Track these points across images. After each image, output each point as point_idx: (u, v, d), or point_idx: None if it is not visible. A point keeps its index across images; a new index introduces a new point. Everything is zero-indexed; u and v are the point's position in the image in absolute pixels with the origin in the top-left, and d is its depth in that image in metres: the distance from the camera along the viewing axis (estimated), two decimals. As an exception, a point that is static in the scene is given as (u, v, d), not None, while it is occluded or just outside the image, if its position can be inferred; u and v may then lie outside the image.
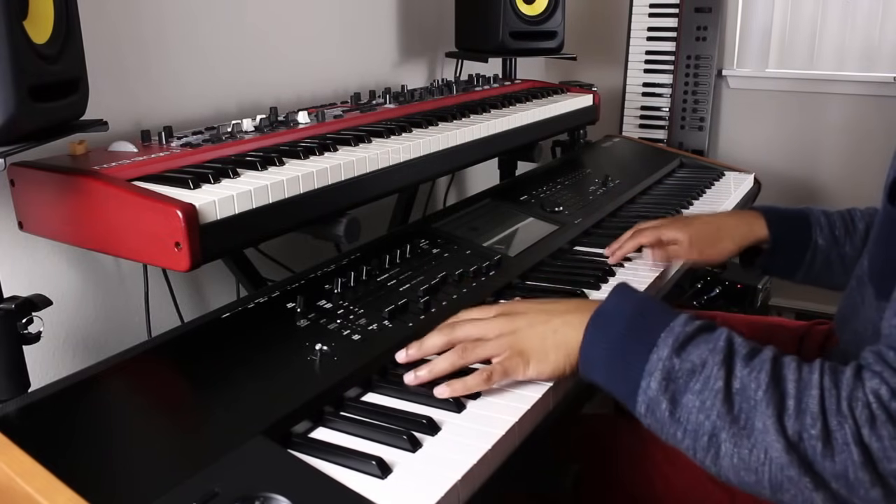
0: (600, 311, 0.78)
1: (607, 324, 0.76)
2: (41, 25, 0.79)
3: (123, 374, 0.80)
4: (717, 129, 2.57)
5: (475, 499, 0.68)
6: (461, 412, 0.77)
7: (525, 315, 0.83)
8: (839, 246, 1.14)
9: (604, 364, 0.75)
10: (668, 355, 0.69)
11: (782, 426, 0.62)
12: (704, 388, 0.66)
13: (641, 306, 0.76)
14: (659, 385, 0.69)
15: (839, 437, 0.60)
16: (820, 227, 1.15)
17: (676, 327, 0.71)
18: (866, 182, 2.30)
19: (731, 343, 0.69)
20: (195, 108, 1.39)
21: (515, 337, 0.81)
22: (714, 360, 0.67)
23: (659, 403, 0.69)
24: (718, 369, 0.66)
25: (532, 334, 0.81)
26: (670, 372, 0.68)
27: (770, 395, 0.63)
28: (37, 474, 0.62)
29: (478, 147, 1.36)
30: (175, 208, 0.84)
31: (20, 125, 0.75)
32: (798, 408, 0.62)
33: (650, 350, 0.70)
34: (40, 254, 1.15)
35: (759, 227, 1.17)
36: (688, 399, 0.67)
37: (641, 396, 0.70)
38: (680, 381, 0.68)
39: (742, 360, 0.67)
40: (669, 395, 0.68)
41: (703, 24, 2.41)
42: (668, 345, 0.70)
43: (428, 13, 2.01)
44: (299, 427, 0.73)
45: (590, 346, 0.77)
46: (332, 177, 1.05)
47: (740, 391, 0.65)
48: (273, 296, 0.96)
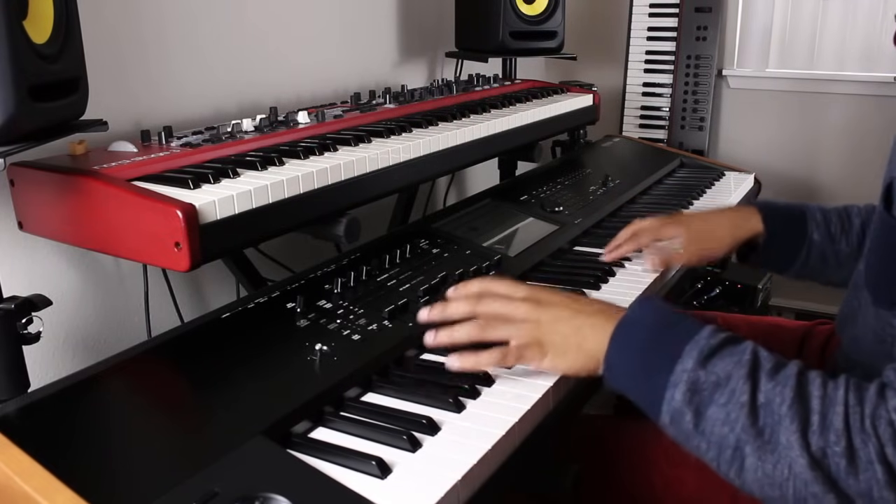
0: (627, 319, 0.78)
1: (634, 333, 0.76)
2: (41, 25, 0.79)
3: (123, 374, 0.80)
4: (717, 129, 2.57)
5: (475, 499, 0.68)
6: (461, 412, 0.77)
7: (552, 307, 0.83)
8: (834, 242, 1.14)
9: (629, 373, 0.76)
10: (694, 367, 0.69)
11: (806, 442, 0.62)
12: (729, 401, 0.66)
13: (668, 317, 0.76)
14: (683, 396, 0.69)
15: (863, 455, 0.60)
16: (816, 222, 1.15)
17: (702, 339, 0.71)
18: (866, 182, 2.30)
19: (756, 356, 0.69)
20: (195, 108, 1.39)
21: (539, 326, 0.82)
22: (739, 373, 0.67)
23: (683, 415, 0.69)
24: (744, 383, 0.66)
25: (555, 328, 0.81)
26: (695, 384, 0.68)
27: (795, 410, 0.63)
28: (36, 474, 0.62)
29: (478, 147, 1.36)
30: (175, 208, 0.84)
31: (20, 125, 0.75)
32: (822, 424, 0.62)
33: (675, 361, 0.70)
34: (40, 254, 1.15)
35: (755, 221, 1.17)
36: (712, 411, 0.67)
37: (666, 407, 0.70)
38: (705, 393, 0.68)
39: (767, 374, 0.67)
40: (694, 406, 0.68)
41: (703, 24, 2.41)
42: (693, 357, 0.70)
43: (428, 13, 2.01)
44: (299, 427, 0.73)
45: (615, 354, 0.77)
46: (332, 177, 1.05)
47: (765, 405, 0.65)
48: (273, 296, 0.96)
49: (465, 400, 0.79)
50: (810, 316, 1.63)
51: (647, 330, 0.76)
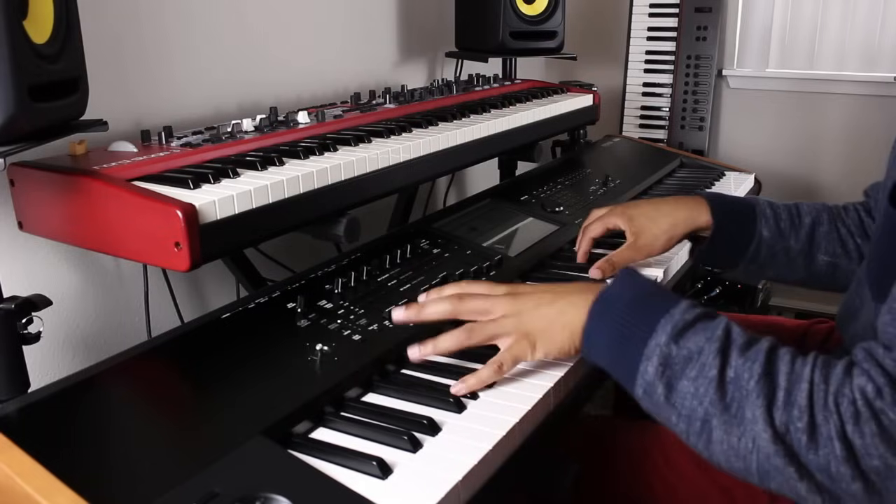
0: (603, 294, 0.79)
1: (610, 308, 0.78)
2: (41, 25, 0.79)
3: (123, 374, 0.80)
4: (717, 129, 2.57)
5: (476, 499, 0.68)
6: (462, 412, 0.77)
7: (531, 295, 0.84)
8: (784, 239, 1.12)
9: (605, 347, 0.77)
10: (666, 342, 0.71)
11: (770, 417, 0.64)
12: (699, 376, 0.68)
13: (644, 291, 0.78)
14: (656, 370, 0.70)
15: (824, 431, 0.62)
16: (765, 217, 1.13)
17: (676, 314, 0.73)
18: (866, 182, 2.29)
19: (728, 332, 0.70)
20: (195, 108, 1.39)
21: (521, 318, 0.82)
22: (710, 348, 0.69)
23: (655, 388, 0.71)
24: (714, 357, 0.68)
25: (538, 315, 0.82)
26: (667, 358, 0.70)
27: (761, 385, 0.65)
28: (37, 474, 0.62)
29: (478, 147, 1.36)
30: (175, 208, 0.84)
31: (20, 125, 0.75)
32: (787, 400, 0.64)
33: (649, 336, 0.72)
34: (40, 254, 1.15)
35: (702, 213, 1.14)
36: (683, 385, 0.69)
37: (640, 380, 0.72)
38: (676, 367, 0.70)
39: (738, 349, 0.69)
40: (665, 380, 0.70)
41: (703, 24, 2.41)
42: (666, 331, 0.71)
43: (428, 13, 2.01)
44: (300, 427, 0.73)
45: (592, 329, 0.79)
46: (332, 177, 1.05)
47: (734, 380, 0.67)
48: (273, 296, 0.96)
49: (465, 400, 0.79)
50: (810, 315, 1.63)
51: (623, 304, 0.77)
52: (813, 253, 1.11)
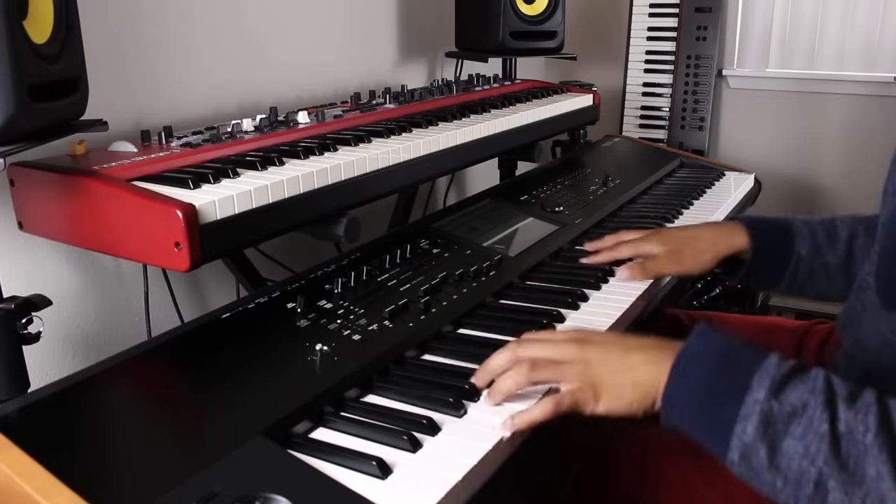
0: (688, 351, 0.73)
1: (695, 365, 0.72)
2: (41, 25, 0.79)
3: (123, 374, 0.80)
4: (717, 129, 2.57)
5: (475, 499, 0.68)
6: (461, 412, 0.77)
7: (599, 344, 0.79)
8: (822, 255, 1.12)
9: (692, 408, 0.71)
10: (766, 397, 0.65)
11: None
12: (807, 433, 0.63)
13: (730, 347, 0.72)
14: (756, 430, 0.65)
15: None
16: (802, 236, 1.13)
17: (771, 367, 0.67)
18: (866, 182, 2.30)
19: (830, 384, 0.66)
20: (195, 108, 1.39)
21: (587, 367, 0.77)
22: (816, 401, 0.64)
23: (756, 451, 0.65)
24: (822, 411, 0.63)
25: (606, 368, 0.77)
26: (768, 415, 0.64)
27: (882, 439, 0.60)
28: (37, 474, 0.62)
29: (478, 147, 1.36)
30: (175, 208, 0.84)
31: (20, 125, 0.75)
32: None
33: (745, 393, 0.66)
34: (40, 254, 1.15)
35: (740, 237, 1.15)
36: (788, 444, 0.63)
37: (735, 442, 0.66)
38: (779, 425, 0.64)
39: (844, 401, 0.64)
40: (768, 440, 0.64)
41: (703, 24, 2.41)
42: (764, 386, 0.66)
43: (428, 13, 2.01)
44: (299, 427, 0.73)
45: (676, 388, 0.72)
46: (332, 177, 1.05)
47: (847, 435, 0.61)
48: (273, 296, 0.96)
49: (465, 401, 0.79)
50: (810, 316, 1.63)
51: (711, 361, 0.71)
52: (852, 266, 1.10)
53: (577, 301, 1.03)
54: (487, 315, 1.01)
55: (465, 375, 0.83)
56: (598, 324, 0.98)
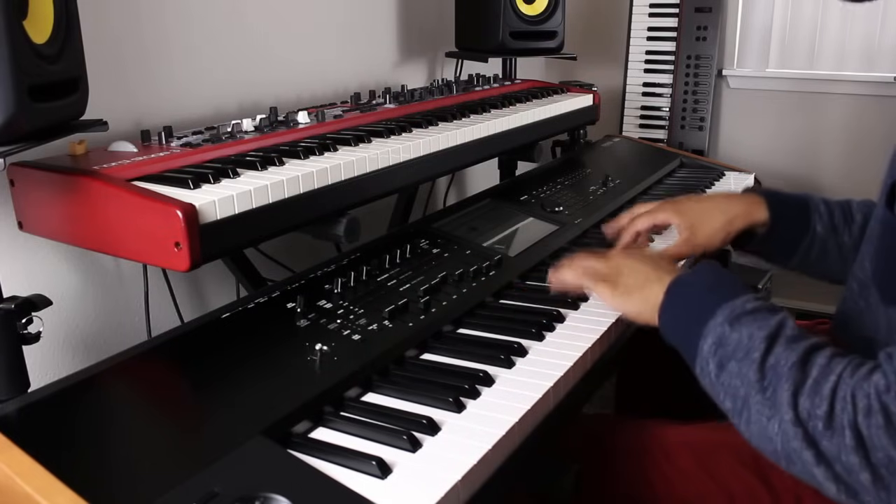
0: (682, 278, 0.88)
1: (684, 291, 0.86)
2: (41, 25, 0.79)
3: (123, 374, 0.80)
4: (717, 129, 2.57)
5: (475, 499, 0.68)
6: (461, 412, 0.77)
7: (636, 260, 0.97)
8: (837, 235, 1.12)
9: (674, 325, 0.86)
10: (721, 322, 0.77)
11: (796, 402, 0.68)
12: (745, 358, 0.73)
13: (717, 279, 0.85)
14: (710, 348, 0.77)
15: (839, 420, 0.65)
16: (819, 213, 1.14)
17: (738, 302, 0.79)
18: (866, 182, 2.29)
19: (781, 325, 0.75)
20: (195, 108, 1.39)
21: (619, 268, 0.95)
22: (760, 335, 0.74)
23: (708, 364, 0.77)
24: (760, 343, 0.73)
25: (631, 274, 0.94)
26: (721, 338, 0.76)
27: (794, 371, 0.69)
28: (37, 474, 0.62)
29: (478, 147, 1.36)
30: (175, 208, 0.84)
31: (20, 125, 0.75)
32: (814, 388, 0.68)
33: (710, 317, 0.79)
34: (40, 254, 1.15)
35: (758, 209, 1.15)
36: (731, 365, 0.74)
37: (698, 357, 0.79)
38: (728, 348, 0.75)
39: (785, 339, 0.73)
40: (717, 358, 0.76)
41: (703, 24, 2.41)
42: (724, 314, 0.78)
43: (428, 13, 2.01)
44: (299, 427, 0.73)
45: (666, 306, 0.87)
46: (332, 177, 1.05)
47: (773, 366, 0.71)
48: (273, 296, 0.96)
49: (465, 400, 0.79)
50: (810, 316, 1.63)
51: (696, 289, 0.85)
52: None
53: (577, 301, 1.03)
54: (487, 315, 1.01)
55: (465, 375, 0.83)
56: (599, 323, 0.98)
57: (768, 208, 1.15)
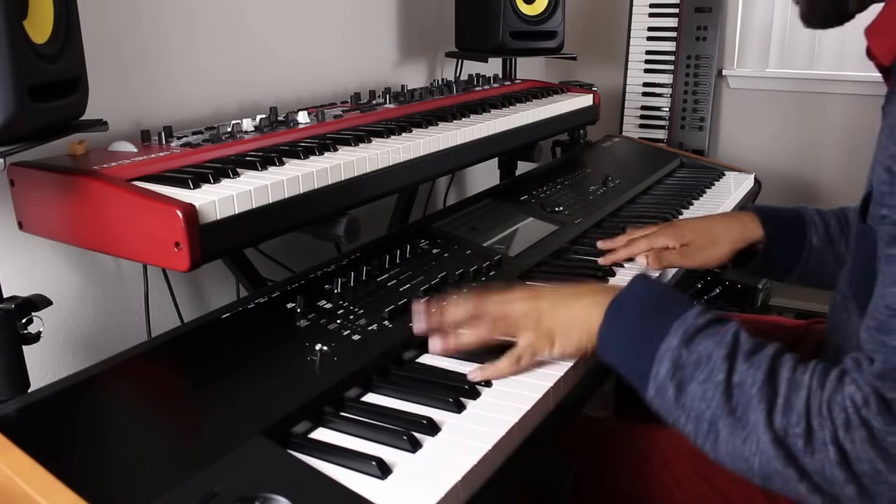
0: (620, 296, 0.82)
1: (625, 310, 0.81)
2: (41, 25, 0.79)
3: (123, 374, 0.80)
4: (717, 129, 2.57)
5: (475, 499, 0.68)
6: (461, 412, 0.77)
7: (549, 296, 0.87)
8: (834, 245, 1.13)
9: (619, 348, 0.80)
10: (678, 345, 0.74)
11: (771, 421, 0.67)
12: (707, 379, 0.71)
13: (658, 295, 0.81)
14: (667, 372, 0.73)
15: (819, 436, 0.65)
16: (815, 226, 1.14)
17: (689, 318, 0.76)
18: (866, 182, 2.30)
19: (737, 339, 0.73)
20: (195, 108, 1.39)
21: (541, 316, 0.85)
22: (719, 353, 0.71)
23: (666, 389, 0.74)
24: (721, 362, 0.71)
25: (556, 315, 0.85)
26: (678, 361, 0.73)
27: (764, 391, 0.68)
28: (37, 474, 0.62)
29: (478, 147, 1.36)
30: (175, 208, 0.84)
31: (20, 125, 0.75)
32: (786, 406, 0.67)
33: (662, 339, 0.75)
34: (40, 254, 1.15)
35: (754, 227, 1.16)
36: (692, 388, 0.72)
37: (651, 382, 0.75)
38: (687, 370, 0.72)
39: (744, 355, 0.71)
40: (676, 382, 0.73)
41: (703, 24, 2.41)
42: (678, 335, 0.74)
43: (428, 13, 2.01)
44: (299, 427, 0.73)
45: (607, 330, 0.81)
46: (332, 177, 1.05)
47: (739, 385, 0.69)
48: (273, 296, 0.96)
49: (465, 400, 0.79)
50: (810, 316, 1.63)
51: (638, 307, 0.80)
52: None
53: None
54: (487, 315, 1.00)
55: (465, 376, 0.83)
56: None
57: (763, 226, 1.15)
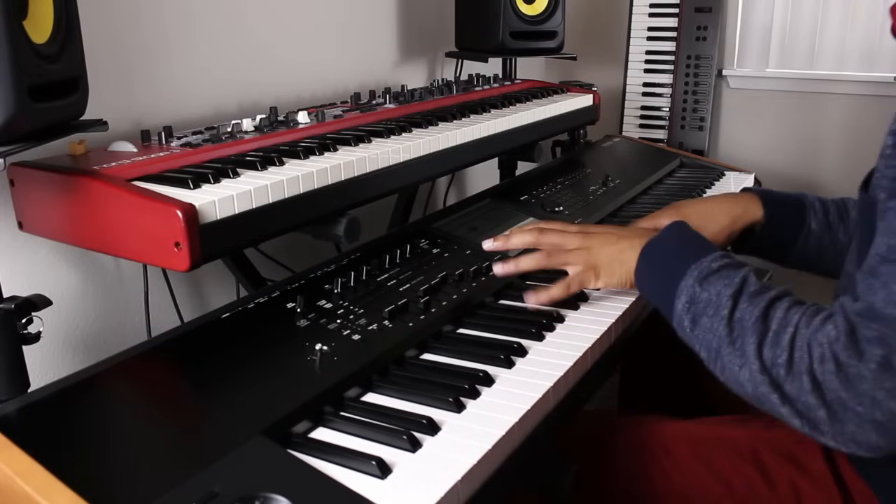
0: (652, 241, 0.95)
1: (656, 251, 0.94)
2: (41, 25, 0.79)
3: (123, 374, 0.80)
4: (717, 129, 2.57)
5: (475, 499, 0.68)
6: (461, 412, 0.77)
7: (599, 235, 1.01)
8: (832, 231, 1.14)
9: (650, 284, 0.93)
10: (692, 283, 0.85)
11: (760, 352, 0.76)
12: (715, 314, 0.81)
13: (686, 241, 0.92)
14: (683, 307, 0.85)
15: (797, 367, 0.73)
16: (814, 210, 1.16)
17: (705, 262, 0.86)
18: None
19: (744, 281, 0.82)
20: (195, 108, 1.39)
21: (590, 252, 0.99)
22: (726, 292, 0.81)
23: (683, 321, 0.85)
24: (727, 300, 0.81)
25: (604, 252, 0.99)
26: (692, 297, 0.84)
27: (757, 325, 0.77)
28: (37, 474, 0.62)
29: (478, 147, 1.36)
30: (175, 208, 0.84)
31: (20, 125, 0.75)
32: (775, 340, 0.75)
33: (682, 278, 0.86)
34: (40, 254, 1.15)
35: (754, 207, 1.18)
36: (703, 321, 0.82)
37: (674, 314, 0.87)
38: (699, 305, 0.83)
39: (748, 295, 0.80)
40: (691, 315, 0.84)
41: (703, 23, 2.40)
42: (693, 276, 0.85)
43: (428, 13, 2.01)
44: (299, 427, 0.73)
45: (641, 268, 0.95)
46: (332, 177, 1.05)
47: (739, 321, 0.79)
48: (273, 296, 0.96)
49: (465, 400, 0.79)
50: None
51: (667, 250, 0.92)
52: None
53: (576, 300, 1.03)
54: (487, 315, 1.01)
55: (465, 375, 0.83)
56: (599, 323, 0.97)
57: (763, 206, 1.18)
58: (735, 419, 1.05)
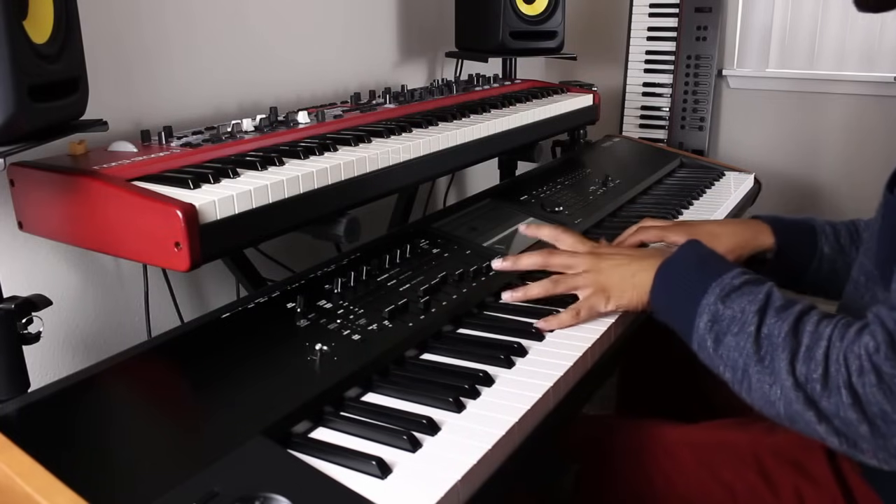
0: (668, 259, 0.93)
1: (672, 272, 0.92)
2: (41, 25, 0.79)
3: (123, 374, 0.80)
4: (717, 129, 2.57)
5: (475, 499, 0.68)
6: (461, 412, 0.77)
7: (611, 257, 1.00)
8: (845, 255, 1.13)
9: (666, 306, 0.91)
10: (714, 301, 0.82)
11: (793, 368, 0.73)
12: (740, 332, 0.78)
13: (703, 259, 0.91)
14: (706, 326, 0.82)
15: (834, 381, 0.70)
16: (825, 235, 1.14)
17: (727, 279, 0.84)
18: (866, 182, 2.30)
19: (769, 296, 0.80)
20: (195, 108, 1.39)
21: (600, 274, 0.98)
22: (752, 308, 0.79)
23: (706, 341, 0.82)
24: (753, 317, 0.78)
25: (615, 273, 0.97)
26: (715, 315, 0.82)
27: (788, 341, 0.74)
28: (37, 474, 0.62)
29: (478, 147, 1.36)
30: (175, 208, 0.84)
31: (20, 125, 0.75)
32: (808, 354, 0.73)
33: (702, 296, 0.84)
34: (40, 254, 1.15)
35: (765, 235, 1.16)
36: (728, 340, 0.80)
37: (694, 335, 0.84)
38: (723, 324, 0.81)
39: (775, 310, 0.78)
40: (714, 334, 0.81)
41: (703, 24, 2.41)
42: (715, 293, 0.83)
43: (428, 13, 2.01)
44: (299, 427, 0.73)
45: (657, 289, 0.93)
46: (332, 177, 1.05)
47: (767, 336, 0.76)
48: (273, 296, 0.96)
49: (465, 400, 0.79)
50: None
51: (684, 268, 0.90)
52: None
53: (576, 301, 1.03)
54: (487, 315, 1.01)
55: (465, 375, 0.83)
56: (599, 323, 0.97)
57: (774, 234, 1.15)
58: (736, 422, 1.04)
